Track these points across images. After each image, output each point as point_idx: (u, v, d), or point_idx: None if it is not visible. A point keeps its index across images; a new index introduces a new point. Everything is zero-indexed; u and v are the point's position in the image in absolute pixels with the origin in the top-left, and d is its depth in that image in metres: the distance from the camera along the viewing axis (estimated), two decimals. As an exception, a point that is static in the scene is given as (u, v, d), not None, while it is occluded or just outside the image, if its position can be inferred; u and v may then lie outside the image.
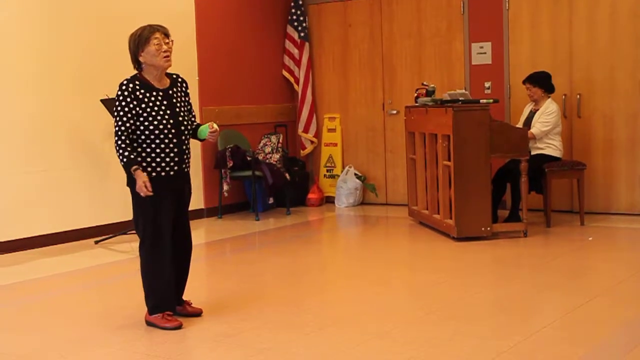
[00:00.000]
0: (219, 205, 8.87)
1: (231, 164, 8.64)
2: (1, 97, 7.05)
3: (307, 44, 9.77)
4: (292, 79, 9.90)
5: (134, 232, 7.46)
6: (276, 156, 9.09)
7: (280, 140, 9.30)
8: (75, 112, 7.56)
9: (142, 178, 4.44)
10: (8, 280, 6.11)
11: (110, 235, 7.57)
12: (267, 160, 8.98)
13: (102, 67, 7.65)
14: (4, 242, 7.03)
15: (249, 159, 8.67)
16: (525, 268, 6.23)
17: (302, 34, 9.74)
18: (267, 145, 9.21)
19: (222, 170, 8.75)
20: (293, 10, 9.76)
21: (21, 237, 7.15)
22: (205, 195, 8.82)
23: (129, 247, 7.28)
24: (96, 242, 7.46)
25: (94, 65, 7.66)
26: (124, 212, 7.79)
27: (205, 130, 4.68)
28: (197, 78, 8.67)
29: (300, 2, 9.73)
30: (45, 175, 7.34)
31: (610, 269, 5.91)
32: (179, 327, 4.60)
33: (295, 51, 9.81)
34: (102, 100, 7.33)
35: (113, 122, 7.43)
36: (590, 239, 7.05)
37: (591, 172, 8.02)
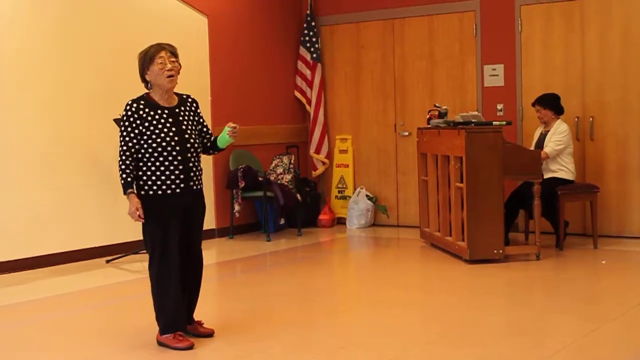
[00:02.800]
0: (230, 225, 8.86)
1: (243, 185, 8.64)
2: (17, 116, 7.10)
3: (319, 64, 9.80)
4: (304, 100, 9.91)
5: (145, 251, 7.50)
6: (288, 177, 9.09)
7: (292, 161, 9.30)
8: (89, 131, 7.59)
9: (134, 203, 4.51)
10: (19, 299, 6.10)
11: (122, 254, 7.56)
12: (279, 181, 8.97)
13: (116, 88, 7.68)
14: (16, 260, 7.03)
15: (260, 179, 8.66)
16: (538, 291, 6.20)
17: (314, 55, 9.77)
18: (278, 165, 9.21)
19: (234, 191, 8.75)
20: (305, 32, 9.79)
21: (33, 255, 7.16)
22: (217, 216, 8.82)
23: (141, 266, 7.27)
24: (107, 261, 7.46)
25: (108, 85, 7.70)
26: (136, 231, 7.75)
27: (224, 134, 4.73)
28: (209, 98, 8.70)
29: (313, 23, 9.77)
30: (57, 193, 7.36)
31: (624, 293, 5.87)
32: (191, 347, 4.59)
33: (308, 72, 9.83)
34: (115, 120, 7.36)
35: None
36: (604, 262, 7.01)
37: (604, 195, 7.98)
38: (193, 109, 4.73)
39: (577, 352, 4.40)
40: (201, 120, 4.78)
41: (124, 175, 4.51)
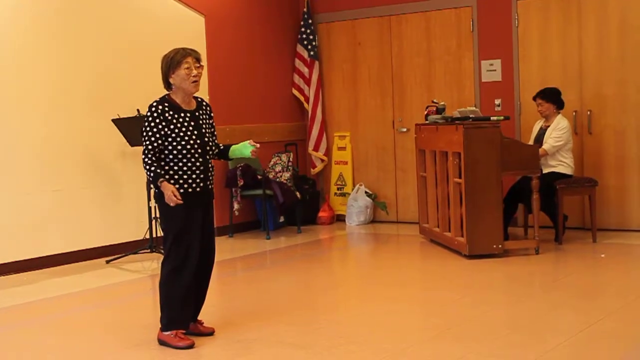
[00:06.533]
0: (229, 224, 8.88)
1: (242, 183, 8.65)
2: (17, 117, 7.10)
3: (316, 62, 9.80)
4: (302, 98, 9.92)
5: (145, 251, 7.53)
6: (286, 175, 9.10)
7: (291, 159, 9.31)
8: (89, 132, 7.60)
9: (169, 188, 4.55)
10: (20, 300, 6.11)
11: (122, 254, 7.57)
12: (278, 179, 8.98)
13: (115, 89, 7.71)
14: (17, 261, 7.05)
15: (259, 177, 8.68)
16: (537, 286, 6.21)
17: (311, 53, 9.78)
18: (277, 163, 9.22)
19: (233, 189, 8.76)
20: (303, 29, 9.79)
21: (33, 256, 7.17)
22: (216, 214, 8.71)
23: (141, 266, 7.28)
24: (107, 262, 7.47)
25: (107, 87, 7.70)
26: (136, 231, 7.83)
27: (241, 148, 4.81)
28: (207, 97, 8.70)
29: (310, 21, 9.77)
30: (58, 194, 7.37)
31: (623, 286, 5.88)
32: (191, 346, 4.61)
33: (305, 70, 9.84)
34: (113, 120, 7.38)
35: (125, 141, 7.50)
36: (603, 256, 7.02)
37: (603, 189, 7.99)
38: (207, 112, 4.85)
39: (576, 346, 4.41)
40: (213, 123, 4.86)
41: (153, 168, 4.57)
